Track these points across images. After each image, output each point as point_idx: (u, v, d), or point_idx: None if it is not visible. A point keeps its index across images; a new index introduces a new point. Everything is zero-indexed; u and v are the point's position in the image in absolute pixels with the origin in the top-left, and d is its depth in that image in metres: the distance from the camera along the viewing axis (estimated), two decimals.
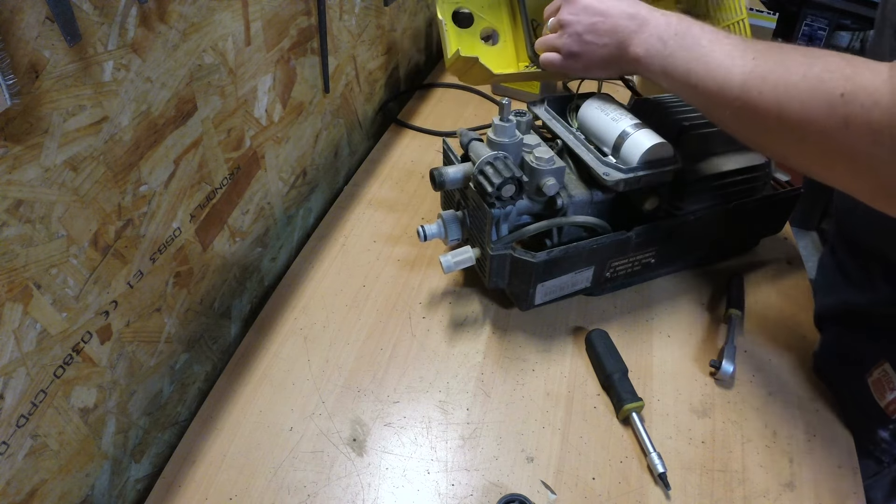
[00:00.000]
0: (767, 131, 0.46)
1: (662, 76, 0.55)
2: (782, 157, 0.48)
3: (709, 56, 0.50)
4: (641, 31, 0.56)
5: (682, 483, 0.55)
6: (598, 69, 0.62)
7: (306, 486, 0.54)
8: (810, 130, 0.42)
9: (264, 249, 0.75)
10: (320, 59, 0.78)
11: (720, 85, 0.48)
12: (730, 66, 0.48)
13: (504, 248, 0.62)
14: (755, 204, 0.72)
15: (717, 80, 0.48)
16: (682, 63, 0.52)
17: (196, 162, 0.56)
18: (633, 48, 0.57)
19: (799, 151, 0.45)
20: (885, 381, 0.57)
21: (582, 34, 0.61)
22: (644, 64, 0.56)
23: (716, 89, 0.49)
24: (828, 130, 0.40)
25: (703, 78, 0.50)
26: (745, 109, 0.46)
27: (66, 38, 0.38)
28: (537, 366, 0.65)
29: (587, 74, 0.65)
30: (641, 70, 0.57)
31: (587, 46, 0.61)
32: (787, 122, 0.43)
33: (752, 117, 0.46)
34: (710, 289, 0.75)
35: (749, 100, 0.46)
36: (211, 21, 0.53)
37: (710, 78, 0.49)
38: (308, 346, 0.66)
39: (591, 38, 0.60)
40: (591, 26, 0.60)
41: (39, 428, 0.43)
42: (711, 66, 0.49)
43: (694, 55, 0.51)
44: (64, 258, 0.42)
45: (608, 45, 0.59)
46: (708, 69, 0.49)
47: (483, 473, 0.55)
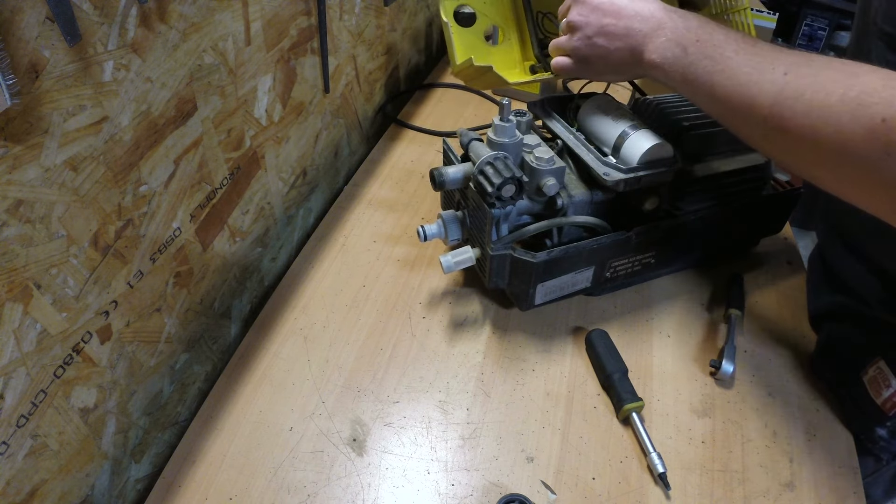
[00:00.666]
0: (801, 155, 0.43)
1: (683, 86, 0.51)
2: (816, 181, 0.44)
3: (736, 68, 0.46)
4: (657, 35, 0.53)
5: (682, 483, 0.55)
6: (610, 74, 0.60)
7: (306, 486, 0.54)
8: (848, 156, 0.39)
9: (264, 249, 0.75)
10: (320, 59, 0.78)
11: (749, 102, 0.45)
12: (759, 80, 0.44)
13: (504, 248, 0.62)
14: (755, 204, 0.72)
15: (745, 96, 0.45)
16: (706, 74, 0.48)
17: (196, 162, 0.57)
18: (649, 54, 0.53)
19: (835, 177, 0.42)
20: (881, 379, 0.57)
21: (592, 37, 0.57)
22: (661, 71, 0.53)
23: (744, 106, 0.45)
24: (867, 157, 0.38)
25: (730, 93, 0.46)
26: (777, 130, 0.43)
27: (66, 38, 0.38)
28: (537, 366, 0.65)
29: (600, 79, 0.63)
30: (659, 77, 0.54)
31: (598, 50, 0.57)
32: (822, 147, 0.40)
33: (784, 139, 0.43)
34: (710, 289, 0.75)
35: (781, 120, 0.43)
36: (211, 21, 0.53)
37: (738, 93, 0.46)
38: (308, 346, 0.66)
39: (603, 41, 0.56)
40: (602, 29, 0.56)
41: (39, 428, 0.43)
42: (739, 79, 0.46)
43: (719, 66, 0.47)
44: (64, 258, 0.42)
45: (621, 50, 0.56)
46: (735, 83, 0.46)
47: (483, 473, 0.55)
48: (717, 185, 0.69)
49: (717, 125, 0.67)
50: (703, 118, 0.68)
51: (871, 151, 0.37)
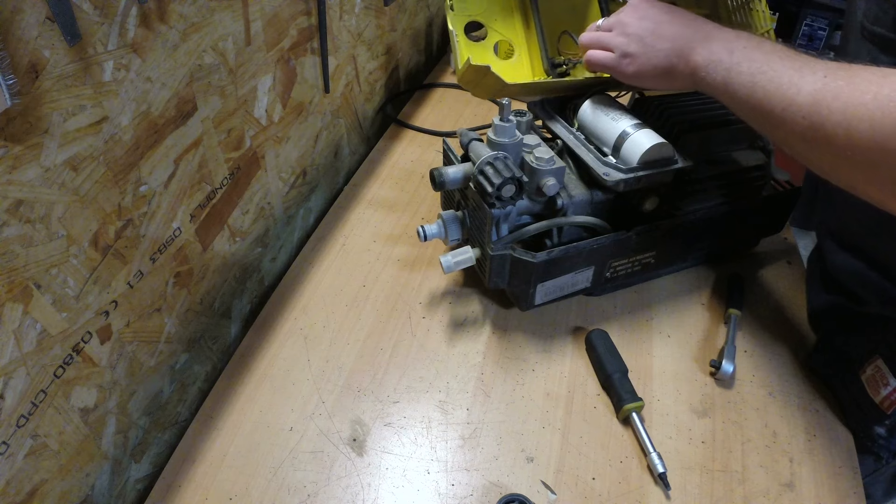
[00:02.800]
0: (837, 155, 0.43)
1: (723, 88, 0.52)
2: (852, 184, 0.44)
3: (777, 71, 0.47)
4: (706, 41, 0.54)
5: (682, 483, 0.55)
6: (649, 76, 0.59)
7: (306, 486, 0.54)
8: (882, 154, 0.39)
9: (264, 249, 0.75)
10: (320, 59, 0.78)
11: (788, 102, 0.45)
12: (799, 82, 0.45)
13: (504, 248, 0.62)
14: (755, 204, 0.72)
15: (784, 97, 0.46)
16: (748, 76, 0.49)
17: (196, 162, 0.57)
18: (695, 56, 0.54)
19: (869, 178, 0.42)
20: (879, 377, 0.57)
21: (642, 36, 0.58)
22: (703, 73, 0.53)
23: (782, 107, 0.46)
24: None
25: (771, 93, 0.47)
26: (813, 129, 0.44)
27: (66, 38, 0.38)
28: (537, 366, 0.65)
29: (635, 80, 0.61)
30: (699, 80, 0.54)
31: (645, 48, 0.57)
32: (856, 145, 0.41)
33: (820, 138, 0.43)
34: (710, 289, 0.75)
35: (817, 119, 0.43)
36: (211, 21, 0.53)
37: (778, 93, 0.46)
38: (308, 346, 0.66)
39: (651, 40, 0.57)
40: (654, 29, 0.57)
41: (39, 428, 0.43)
42: (781, 80, 0.46)
43: (761, 68, 0.48)
44: (64, 258, 0.42)
45: (666, 51, 0.56)
46: (777, 84, 0.46)
47: (483, 473, 0.55)
48: (716, 185, 0.69)
49: (718, 125, 0.68)
50: (703, 118, 0.68)
51: None
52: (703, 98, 0.72)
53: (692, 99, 0.71)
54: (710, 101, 0.71)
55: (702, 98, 0.72)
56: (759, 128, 0.51)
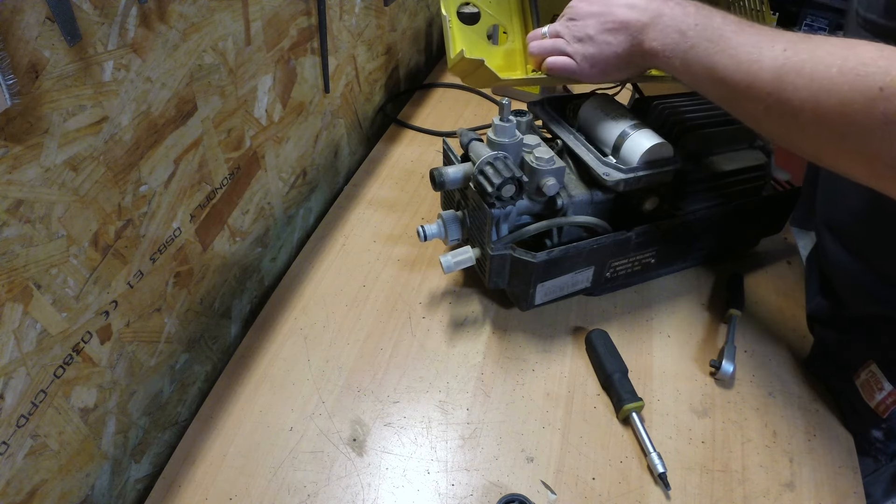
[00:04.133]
0: (803, 129, 0.43)
1: (683, 70, 0.51)
2: (817, 156, 0.44)
3: (736, 48, 0.46)
4: (656, 23, 0.52)
5: (682, 483, 0.55)
6: (615, 70, 0.58)
7: (306, 486, 0.54)
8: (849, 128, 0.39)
9: (264, 249, 0.75)
10: (320, 59, 0.78)
11: (751, 78, 0.45)
12: (759, 57, 0.44)
13: (504, 248, 0.62)
14: (755, 204, 0.72)
15: (746, 74, 0.45)
16: (706, 56, 0.48)
17: (196, 162, 0.57)
18: (649, 42, 0.53)
19: (837, 151, 0.42)
20: (873, 382, 0.57)
21: (593, 34, 0.57)
22: (662, 59, 0.52)
23: (745, 83, 0.45)
24: (867, 127, 0.38)
25: (732, 71, 0.46)
26: (779, 104, 0.43)
27: (66, 38, 0.38)
28: (537, 366, 0.65)
29: (606, 78, 0.60)
30: (660, 65, 0.54)
31: (599, 45, 0.57)
32: (824, 120, 0.40)
33: (786, 113, 0.43)
34: (710, 289, 0.75)
35: (783, 94, 0.42)
36: (211, 21, 0.53)
37: (740, 71, 0.45)
38: (308, 346, 0.66)
39: (603, 35, 0.56)
40: (602, 20, 0.56)
41: (39, 428, 0.43)
42: (740, 57, 0.46)
43: (719, 46, 0.47)
44: (64, 258, 0.42)
45: (621, 41, 0.55)
46: (736, 61, 0.46)
47: (483, 473, 0.55)
48: (717, 185, 0.69)
49: (718, 125, 0.68)
50: (703, 118, 0.68)
51: (870, 121, 0.38)
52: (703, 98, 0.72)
53: (692, 99, 0.71)
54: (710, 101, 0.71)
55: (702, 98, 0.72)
56: (724, 106, 0.51)
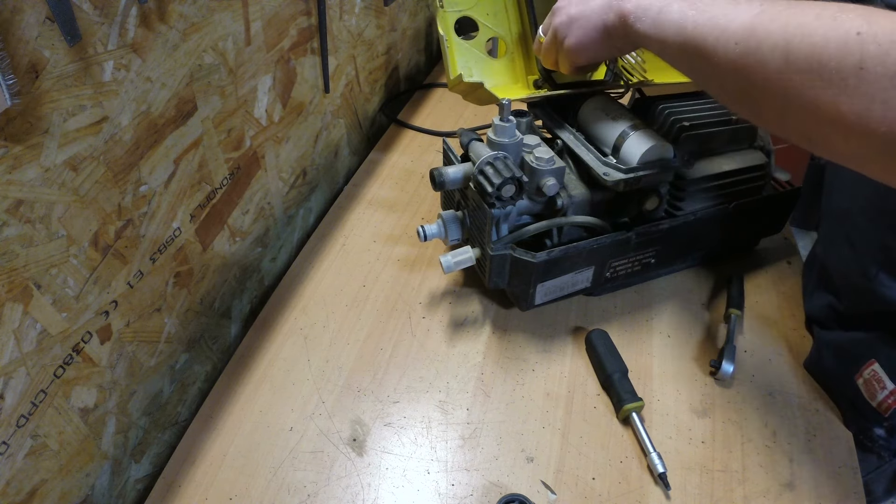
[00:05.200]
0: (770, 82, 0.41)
1: (653, 32, 0.50)
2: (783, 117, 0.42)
3: (710, 5, 0.45)
4: None
5: (682, 483, 0.55)
6: (590, 44, 0.57)
7: (306, 486, 0.54)
8: (822, 72, 0.37)
9: (264, 249, 0.75)
10: (320, 59, 0.78)
11: (720, 30, 0.43)
12: (733, 12, 0.43)
13: (504, 248, 0.62)
14: (755, 204, 0.72)
15: (717, 26, 0.44)
16: (679, 13, 0.47)
17: (196, 162, 0.57)
18: (624, 4, 0.52)
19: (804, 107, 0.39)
20: (875, 381, 0.57)
21: (570, 12, 0.57)
22: (632, 21, 0.51)
23: (714, 36, 0.44)
24: (841, 71, 0.36)
25: (702, 25, 0.45)
26: (747, 55, 0.41)
27: (66, 38, 0.38)
28: (537, 366, 0.65)
29: (595, 56, 0.59)
30: (630, 31, 0.52)
31: (576, 23, 0.57)
32: (795, 65, 0.38)
33: (754, 65, 0.41)
34: (710, 289, 0.75)
35: (752, 44, 0.41)
36: (211, 21, 0.53)
37: (710, 24, 0.44)
38: (308, 346, 0.66)
39: (579, 11, 0.56)
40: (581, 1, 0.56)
41: (39, 428, 0.43)
42: (713, 11, 0.44)
43: (693, 4, 0.46)
44: (64, 258, 0.42)
45: (596, 13, 0.55)
46: (709, 16, 0.45)
47: (483, 473, 0.55)
48: (717, 185, 0.69)
49: (717, 125, 0.68)
50: (703, 118, 0.68)
51: (844, 65, 0.36)
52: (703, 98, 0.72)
53: (692, 99, 0.71)
54: (711, 101, 0.71)
55: (702, 98, 0.72)
56: (689, 71, 0.49)
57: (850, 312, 0.62)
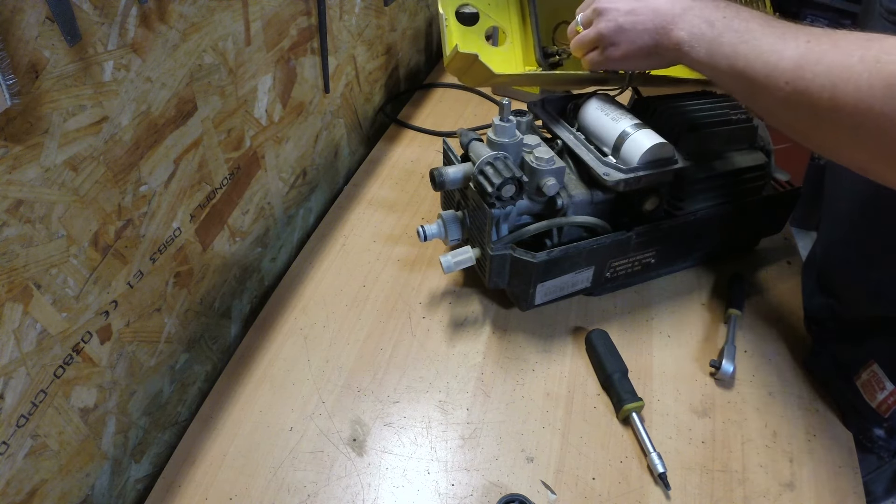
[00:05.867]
0: (820, 119, 0.43)
1: (706, 61, 0.52)
2: (833, 150, 0.45)
3: (760, 39, 0.47)
4: (686, 14, 0.53)
5: (682, 483, 0.55)
6: (637, 58, 0.59)
7: (306, 486, 0.54)
8: (867, 116, 0.39)
9: (264, 249, 0.75)
10: (320, 59, 0.78)
11: (771, 67, 0.45)
12: (782, 48, 0.45)
13: (504, 248, 0.62)
14: (755, 204, 0.72)
15: (767, 63, 0.46)
16: (730, 46, 0.49)
17: (196, 162, 0.57)
18: (676, 31, 0.54)
19: (853, 143, 0.41)
20: (875, 382, 0.57)
21: (619, 21, 0.58)
22: (686, 49, 0.53)
23: (765, 73, 0.46)
24: (886, 115, 0.38)
25: (753, 61, 0.47)
26: (797, 94, 0.43)
27: (66, 38, 0.38)
28: (537, 366, 0.65)
29: (625, 65, 0.61)
30: (683, 56, 0.54)
31: (626, 33, 0.57)
32: (841, 108, 0.40)
33: (803, 103, 0.43)
34: (710, 289, 0.75)
35: (801, 83, 0.43)
36: (211, 21, 0.53)
37: (761, 60, 0.46)
38: (308, 346, 0.66)
39: (631, 23, 0.57)
40: (630, 11, 0.57)
41: (39, 428, 0.43)
42: (763, 48, 0.46)
43: (743, 38, 0.48)
44: (64, 258, 0.42)
45: (648, 31, 0.56)
46: (759, 51, 0.46)
47: (483, 473, 0.55)
48: (716, 184, 0.69)
49: (718, 125, 0.68)
50: (704, 118, 0.68)
51: (889, 109, 0.37)
52: (703, 98, 0.72)
53: (692, 99, 0.71)
54: (710, 101, 0.71)
55: (702, 98, 0.72)
56: (743, 98, 0.52)
57: (850, 313, 0.62)
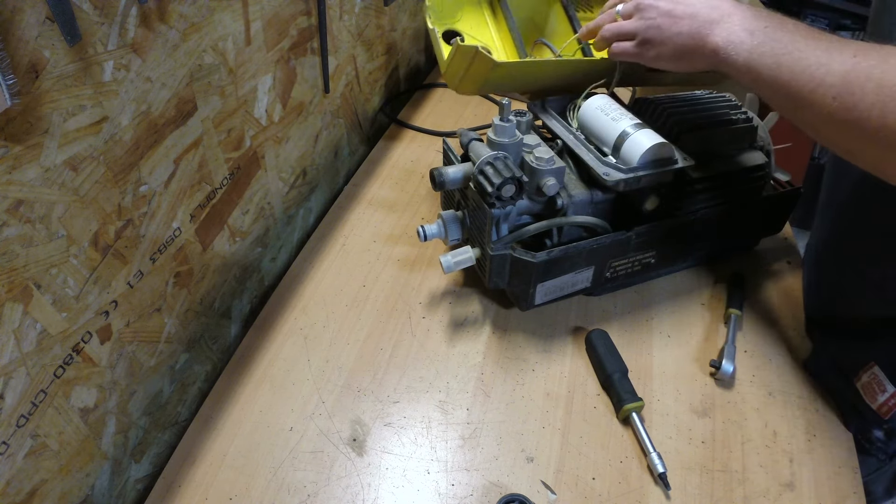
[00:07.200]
0: (868, 138, 0.42)
1: (745, 71, 0.50)
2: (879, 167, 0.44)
3: (804, 51, 0.45)
4: (724, 21, 0.52)
5: (682, 483, 0.55)
6: (668, 59, 0.58)
7: (306, 486, 0.54)
8: None
9: (264, 249, 0.75)
10: (320, 59, 0.78)
11: (817, 83, 0.44)
12: (828, 62, 0.44)
13: (504, 248, 0.62)
14: (755, 204, 0.72)
15: (813, 78, 0.44)
16: (772, 57, 0.47)
17: (196, 162, 0.57)
18: (713, 37, 0.52)
19: None
20: (875, 384, 0.56)
21: (657, 18, 0.57)
22: (723, 56, 0.52)
23: (810, 88, 0.44)
24: None
25: (798, 74, 0.45)
26: (844, 111, 0.42)
27: (66, 38, 0.38)
28: (537, 366, 0.65)
29: (656, 64, 0.60)
30: (720, 62, 0.53)
31: (663, 32, 0.57)
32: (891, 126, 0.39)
33: (851, 120, 0.42)
34: (710, 289, 0.75)
35: (849, 101, 0.42)
36: (211, 21, 0.53)
37: (806, 74, 0.45)
38: (308, 346, 0.66)
39: (669, 23, 0.56)
40: (670, 11, 0.56)
41: (39, 428, 0.43)
42: (808, 61, 0.45)
43: (786, 48, 0.47)
44: (64, 258, 0.42)
45: (683, 34, 0.55)
46: (804, 64, 0.45)
47: (483, 473, 0.55)
48: (716, 185, 0.69)
49: (718, 125, 0.68)
50: (704, 118, 0.68)
51: None
52: (703, 98, 0.72)
53: (692, 99, 0.71)
54: (710, 101, 0.71)
55: (702, 98, 0.72)
56: (783, 110, 0.50)
57: (850, 314, 0.62)
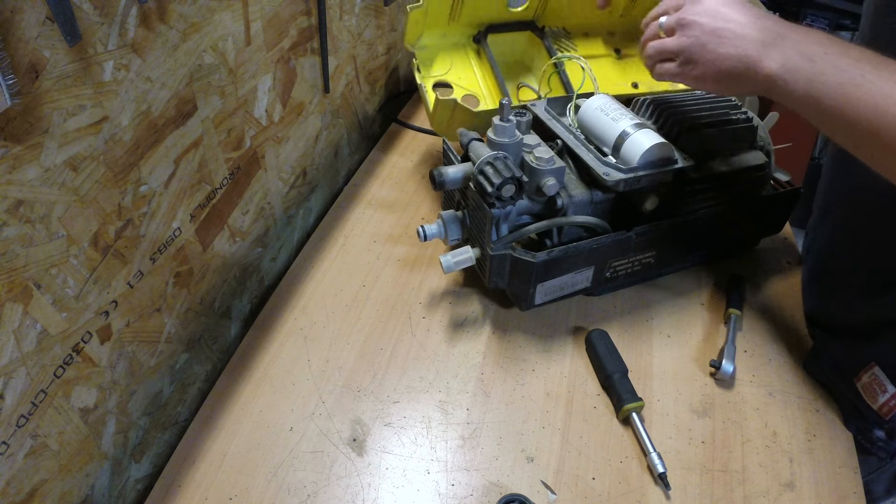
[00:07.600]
0: None
1: (804, 98, 0.47)
2: None
3: (873, 83, 0.43)
4: (777, 45, 0.48)
5: (682, 483, 0.55)
6: (712, 82, 0.54)
7: (306, 486, 0.54)
8: None
9: (264, 249, 0.75)
10: (320, 59, 0.78)
11: (882, 114, 0.42)
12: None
13: (504, 248, 0.62)
14: (755, 204, 0.72)
15: (878, 109, 0.42)
16: (837, 87, 0.44)
17: (196, 162, 0.56)
18: (767, 63, 0.48)
19: None
20: (876, 384, 0.56)
21: (702, 38, 0.52)
22: (780, 83, 0.48)
23: (877, 121, 0.42)
24: None
25: (863, 107, 0.43)
26: None
27: (66, 38, 0.38)
28: (537, 366, 0.65)
29: (699, 85, 0.56)
30: (774, 89, 0.49)
31: (707, 54, 0.52)
32: None
33: None
34: (710, 289, 0.75)
35: None
36: (211, 21, 0.53)
37: (871, 106, 0.42)
38: (308, 346, 0.66)
39: (715, 43, 0.52)
40: (716, 32, 0.52)
41: (39, 428, 0.43)
42: (874, 91, 0.42)
43: (852, 79, 0.44)
44: (64, 258, 0.42)
45: (731, 57, 0.51)
46: (870, 96, 0.43)
47: (483, 473, 0.55)
48: (716, 184, 0.69)
49: (718, 125, 0.68)
50: (704, 118, 0.68)
51: None
52: (703, 98, 0.72)
53: (692, 99, 0.71)
54: (711, 101, 0.71)
55: (702, 98, 0.72)
56: (843, 140, 0.47)
57: (850, 315, 0.62)
